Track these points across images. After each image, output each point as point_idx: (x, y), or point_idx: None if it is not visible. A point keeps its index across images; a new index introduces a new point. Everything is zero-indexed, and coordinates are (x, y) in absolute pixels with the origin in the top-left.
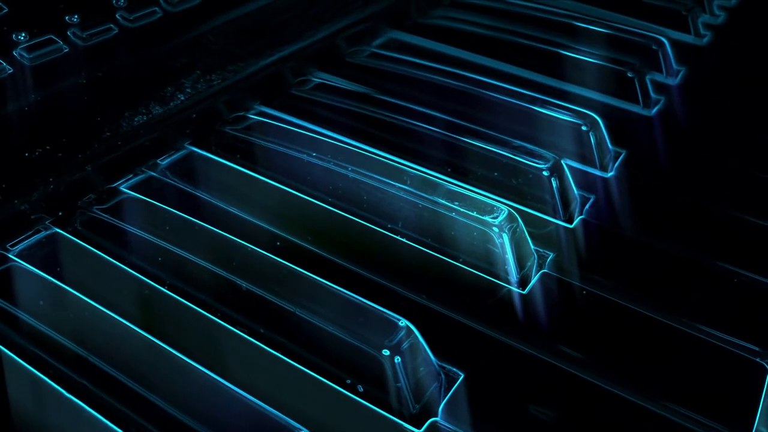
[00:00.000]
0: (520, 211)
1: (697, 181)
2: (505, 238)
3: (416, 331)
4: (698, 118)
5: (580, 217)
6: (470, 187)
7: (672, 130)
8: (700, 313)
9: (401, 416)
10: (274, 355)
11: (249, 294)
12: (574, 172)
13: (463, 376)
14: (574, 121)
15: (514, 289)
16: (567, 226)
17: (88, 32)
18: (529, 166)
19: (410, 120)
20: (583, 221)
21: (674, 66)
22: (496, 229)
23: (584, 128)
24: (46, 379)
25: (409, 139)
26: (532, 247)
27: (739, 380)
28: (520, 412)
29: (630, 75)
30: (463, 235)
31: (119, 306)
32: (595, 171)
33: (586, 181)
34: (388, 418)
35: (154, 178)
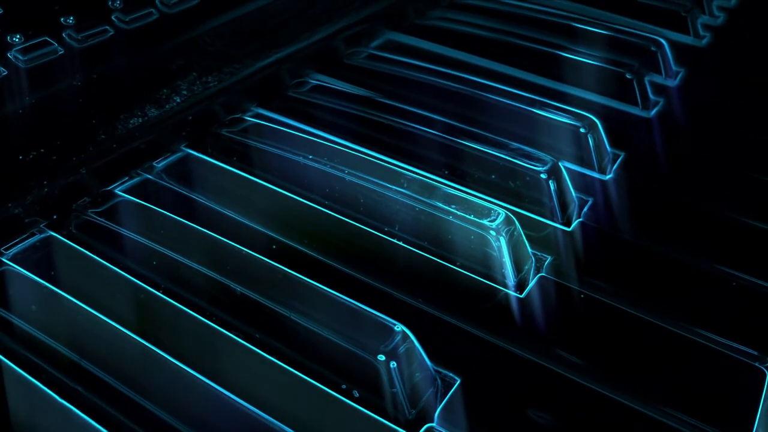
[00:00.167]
0: (517, 214)
1: (696, 184)
2: (503, 241)
3: (412, 336)
4: (697, 120)
5: (578, 220)
6: (467, 189)
7: (671, 131)
8: (699, 316)
9: (397, 422)
10: (269, 360)
11: (244, 298)
12: (572, 174)
13: (459, 381)
14: (572, 123)
15: (512, 293)
16: (565, 229)
17: (83, 34)
18: (527, 168)
19: (408, 122)
20: (581, 224)
21: (673, 67)
22: (493, 232)
23: (582, 130)
24: (39, 384)
25: (407, 141)
26: (530, 251)
27: (738, 385)
28: (517, 418)
29: (629, 76)
30: (460, 239)
31: (113, 310)
32: (594, 173)
33: (584, 184)
34: (384, 423)
35: (150, 181)
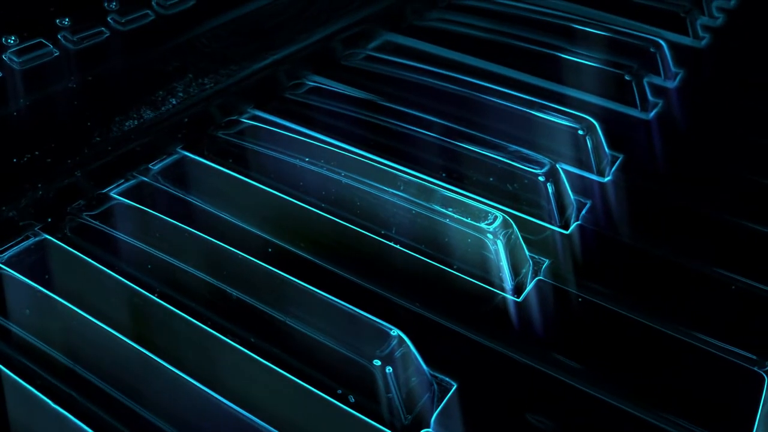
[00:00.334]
0: (515, 217)
1: (695, 186)
2: (500, 244)
3: (408, 341)
4: (697, 122)
5: (577, 223)
6: (465, 192)
7: (670, 133)
8: (698, 320)
9: (393, 427)
10: (265, 365)
11: (239, 302)
12: (571, 176)
13: (456, 385)
14: (571, 125)
15: (509, 296)
16: (563, 232)
17: (78, 36)
18: (525, 171)
19: (405, 124)
20: (580, 227)
21: (672, 69)
22: (491, 235)
23: (581, 132)
24: (33, 389)
25: (404, 143)
26: (528, 254)
27: (737, 389)
28: (514, 423)
29: (627, 78)
30: (457, 242)
31: (108, 314)
32: (592, 176)
33: (582, 186)
34: (380, 429)
35: (146, 184)
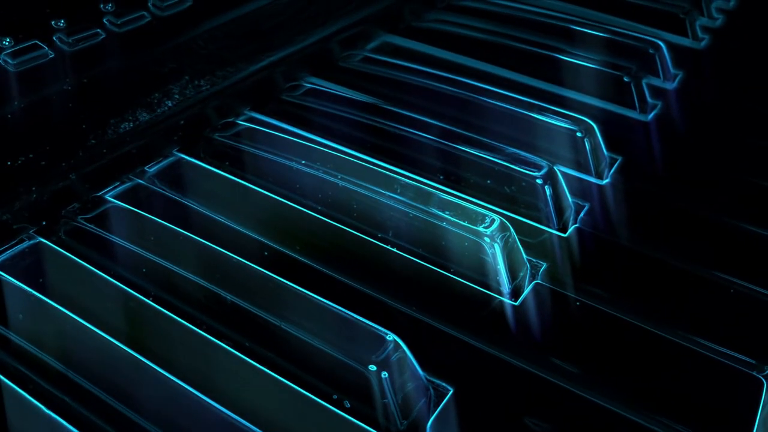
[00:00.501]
0: (512, 220)
1: (694, 188)
2: (497, 248)
3: (404, 346)
4: (696, 124)
5: (575, 226)
6: (462, 195)
7: (669, 135)
8: (697, 324)
9: None
10: (259, 369)
11: (234, 307)
12: (569, 179)
13: (452, 391)
14: (569, 127)
15: (506, 300)
16: (561, 235)
17: (74, 37)
18: (523, 173)
19: (403, 126)
20: (578, 230)
21: (671, 70)
22: (488, 238)
23: (579, 134)
24: (26, 394)
25: (401, 145)
26: (525, 257)
27: (735, 394)
28: (511, 428)
29: (626, 79)
30: (454, 245)
31: (103, 318)
32: (591, 178)
33: (581, 189)
34: None
35: (141, 186)
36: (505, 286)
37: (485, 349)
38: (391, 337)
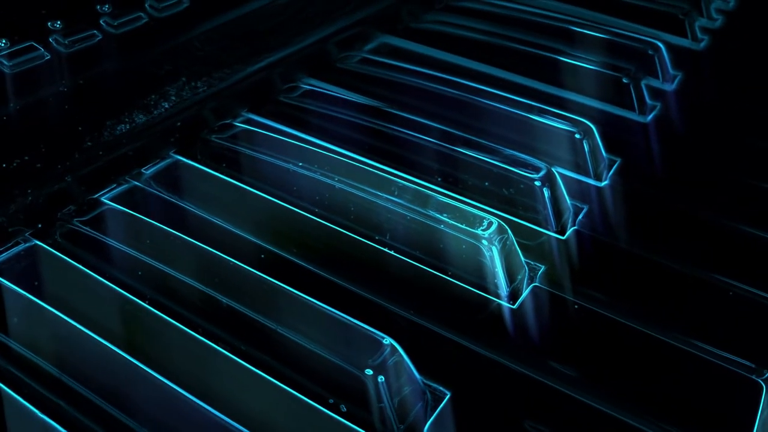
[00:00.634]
0: (510, 223)
1: (693, 190)
2: (495, 250)
3: (401, 350)
4: (695, 125)
5: (573, 228)
6: (460, 197)
7: (668, 137)
8: (696, 327)
9: None
10: (256, 373)
11: (230, 310)
12: (568, 181)
13: (449, 394)
14: (568, 128)
15: (504, 303)
16: (559, 237)
17: (70, 39)
18: (521, 175)
19: (400, 128)
20: (576, 232)
21: (670, 71)
22: (486, 241)
23: (578, 136)
24: (20, 398)
25: (399, 147)
26: (523, 260)
27: (734, 398)
28: None
29: (625, 81)
30: (451, 248)
31: (98, 321)
32: (589, 180)
33: (579, 191)
34: None
35: (138, 188)
36: (503, 289)
37: (483, 353)
38: (388, 341)
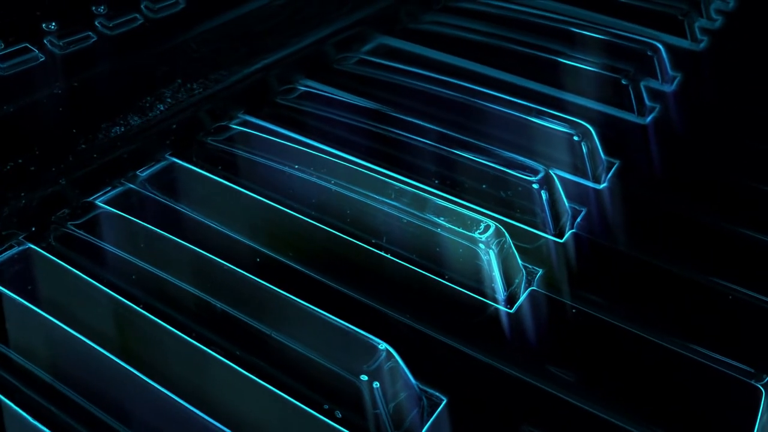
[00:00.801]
0: (508, 226)
1: (692, 193)
2: (492, 254)
3: (396, 355)
4: (694, 126)
5: (571, 231)
6: (458, 200)
7: (667, 138)
8: (694, 331)
9: None
10: (250, 378)
11: (224, 315)
12: (566, 183)
13: (446, 400)
14: (566, 130)
15: (501, 307)
16: (557, 240)
17: (65, 40)
18: (519, 178)
19: (398, 130)
20: (575, 235)
21: (670, 72)
22: (483, 245)
23: (576, 138)
24: (12, 404)
25: (397, 149)
26: (521, 264)
27: (733, 403)
28: None
29: (624, 82)
30: (448, 251)
31: (92, 326)
32: (588, 182)
33: (578, 193)
34: None
35: (133, 191)
36: (501, 293)
37: (479, 358)
38: (383, 346)
